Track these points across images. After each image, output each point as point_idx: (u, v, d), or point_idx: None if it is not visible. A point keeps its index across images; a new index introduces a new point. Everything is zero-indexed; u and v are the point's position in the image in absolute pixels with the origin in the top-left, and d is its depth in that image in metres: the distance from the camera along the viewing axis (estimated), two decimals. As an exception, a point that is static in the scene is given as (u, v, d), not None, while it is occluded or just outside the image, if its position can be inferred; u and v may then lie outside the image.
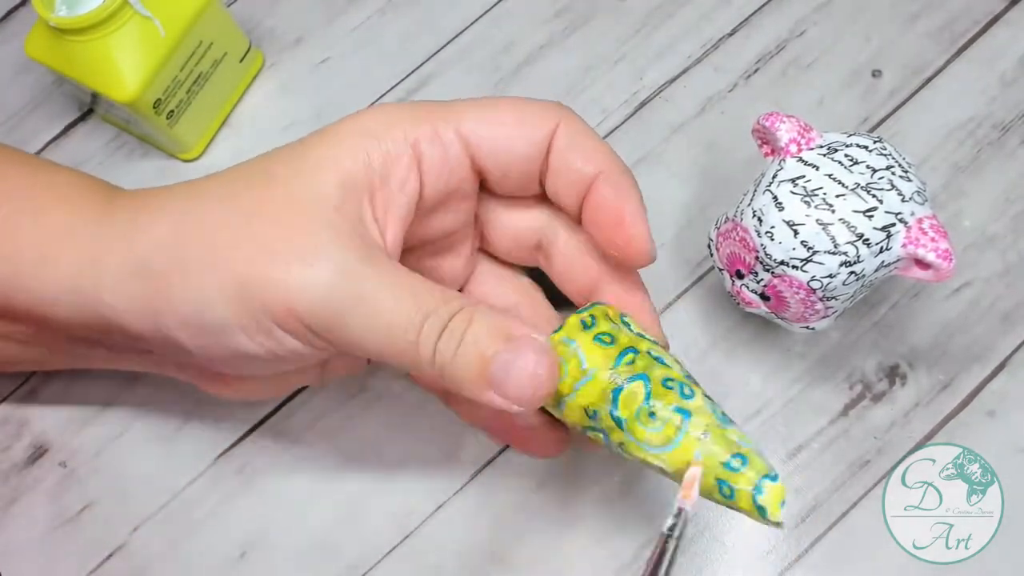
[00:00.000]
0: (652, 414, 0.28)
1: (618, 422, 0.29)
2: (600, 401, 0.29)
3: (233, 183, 0.30)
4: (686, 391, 0.29)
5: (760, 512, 0.28)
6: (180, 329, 0.29)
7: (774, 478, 0.28)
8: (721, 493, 0.28)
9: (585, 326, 0.31)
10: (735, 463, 0.28)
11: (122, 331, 0.30)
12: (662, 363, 0.30)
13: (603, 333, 0.30)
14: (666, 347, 0.33)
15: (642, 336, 0.31)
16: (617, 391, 0.29)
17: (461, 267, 0.35)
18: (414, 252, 0.34)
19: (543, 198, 0.34)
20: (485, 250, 0.37)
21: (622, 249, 0.32)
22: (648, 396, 0.29)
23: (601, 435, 0.30)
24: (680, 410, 0.29)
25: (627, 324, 0.32)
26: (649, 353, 0.30)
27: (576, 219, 0.33)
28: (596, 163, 0.31)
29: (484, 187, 0.33)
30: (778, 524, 0.28)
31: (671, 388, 0.29)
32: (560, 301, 0.37)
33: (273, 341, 0.29)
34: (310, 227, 0.28)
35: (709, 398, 0.30)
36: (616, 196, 0.31)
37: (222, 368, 0.32)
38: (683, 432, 0.28)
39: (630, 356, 0.30)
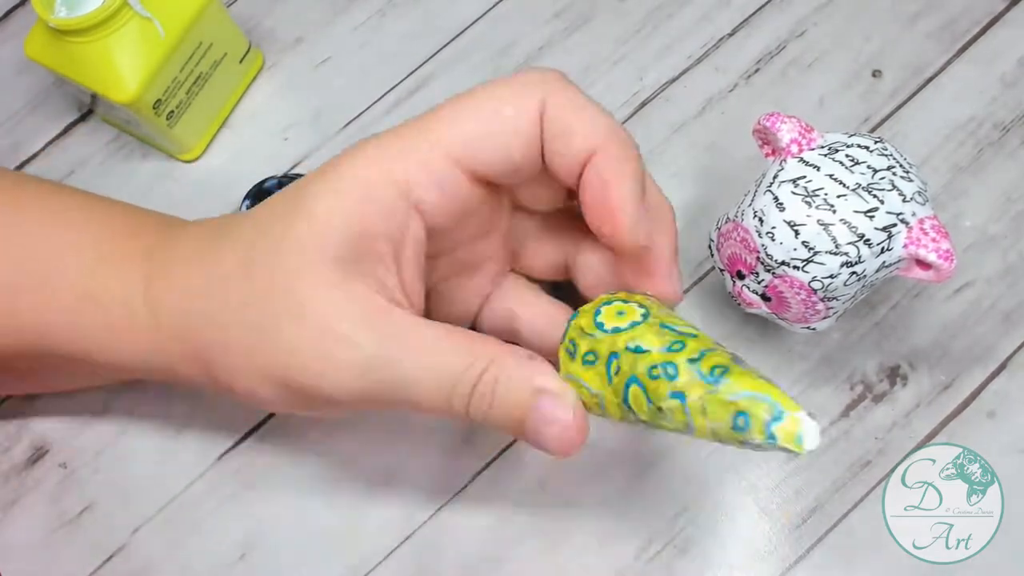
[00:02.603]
0: (660, 409, 0.28)
1: (648, 424, 0.29)
2: (622, 415, 0.29)
3: (244, 269, 0.30)
4: (670, 370, 0.28)
5: (789, 450, 0.27)
6: (244, 399, 0.31)
7: (779, 417, 0.27)
8: (748, 446, 0.28)
9: (571, 355, 0.30)
10: (739, 422, 0.27)
11: (197, 387, 0.33)
12: (640, 351, 0.29)
13: (587, 353, 0.30)
14: (674, 296, 0.32)
15: (618, 331, 0.30)
16: (626, 402, 0.29)
17: (487, 283, 0.35)
18: (442, 258, 0.33)
19: (569, 215, 0.33)
20: (516, 270, 0.36)
21: (609, 237, 0.30)
22: (647, 397, 0.29)
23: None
24: (674, 394, 0.28)
25: (600, 325, 0.30)
26: (627, 348, 0.29)
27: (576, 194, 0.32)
28: (586, 143, 0.29)
29: (513, 203, 0.33)
30: (812, 449, 0.27)
31: (658, 376, 0.28)
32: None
33: (322, 413, 0.32)
34: (321, 325, 0.28)
35: (691, 359, 0.28)
36: (600, 181, 0.29)
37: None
38: (689, 415, 0.28)
39: (614, 365, 0.29)
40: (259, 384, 0.30)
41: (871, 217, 0.32)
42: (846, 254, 0.33)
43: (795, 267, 0.33)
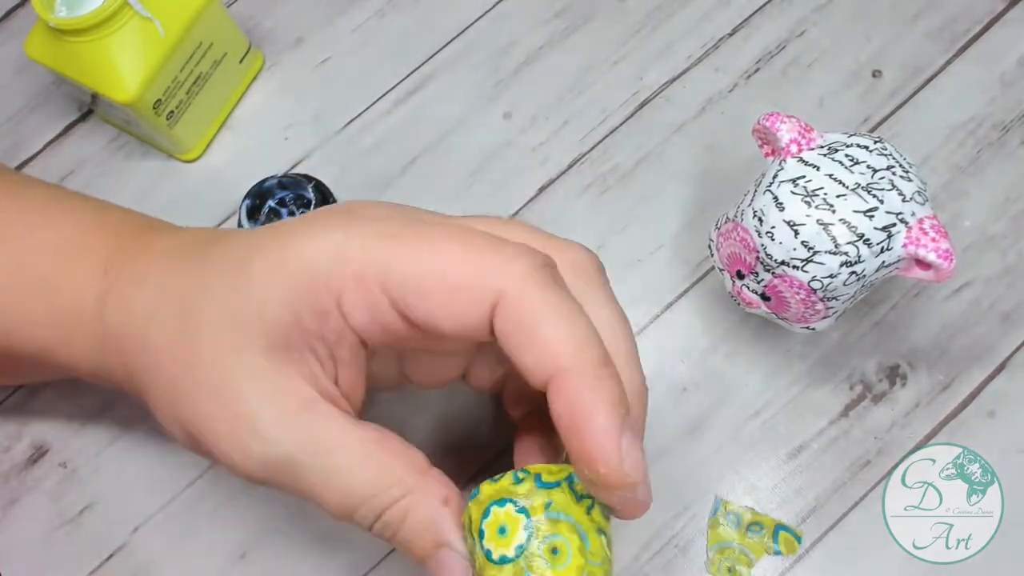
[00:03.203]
0: None
1: None
2: None
3: (178, 320, 0.29)
4: None
5: None
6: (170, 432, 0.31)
7: None
8: None
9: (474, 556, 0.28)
10: None
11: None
12: None
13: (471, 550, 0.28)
14: (631, 483, 0.26)
15: (505, 560, 0.26)
16: None
17: (456, 364, 0.33)
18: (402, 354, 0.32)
19: None
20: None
21: (592, 478, 0.25)
22: None
23: None
24: None
25: (487, 553, 0.27)
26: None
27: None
28: (544, 360, 0.25)
29: None
30: None
31: None
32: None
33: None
34: (238, 409, 0.28)
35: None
36: (568, 419, 0.25)
37: None
38: None
39: None
40: (177, 431, 0.30)
41: (871, 217, 0.33)
42: (846, 254, 0.33)
43: (795, 267, 0.33)
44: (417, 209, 0.29)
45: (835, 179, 0.33)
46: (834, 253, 0.33)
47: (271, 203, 0.43)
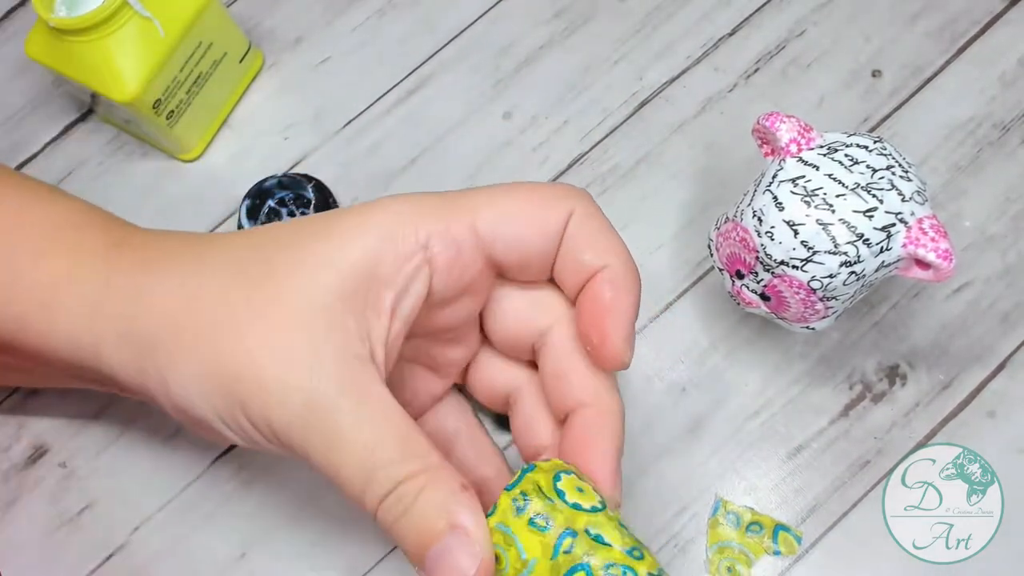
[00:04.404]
0: None
1: None
2: None
3: (235, 267, 0.29)
4: (629, 575, 0.27)
5: None
6: (167, 406, 0.30)
7: None
8: None
9: (518, 509, 0.28)
10: None
11: (117, 383, 0.31)
12: (601, 542, 0.28)
13: (537, 515, 0.28)
14: (617, 505, 0.30)
15: (578, 508, 0.28)
16: None
17: (462, 355, 0.35)
18: (416, 339, 0.33)
19: (548, 298, 0.33)
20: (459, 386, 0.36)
21: (596, 348, 0.31)
22: None
23: None
24: None
25: (561, 493, 0.28)
26: (587, 532, 0.28)
27: (574, 302, 0.32)
28: (602, 256, 0.30)
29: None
30: None
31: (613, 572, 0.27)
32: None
33: (248, 436, 0.29)
34: (295, 342, 0.28)
35: (651, 574, 0.28)
36: (609, 295, 0.30)
37: (208, 436, 0.32)
38: None
39: (568, 541, 0.27)
40: (196, 396, 0.29)
41: (870, 217, 0.33)
42: (845, 254, 0.33)
43: (794, 267, 0.33)
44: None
45: (835, 179, 0.33)
46: (834, 253, 0.33)
47: (271, 203, 0.43)
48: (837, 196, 0.33)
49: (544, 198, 0.31)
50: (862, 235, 0.32)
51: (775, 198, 0.33)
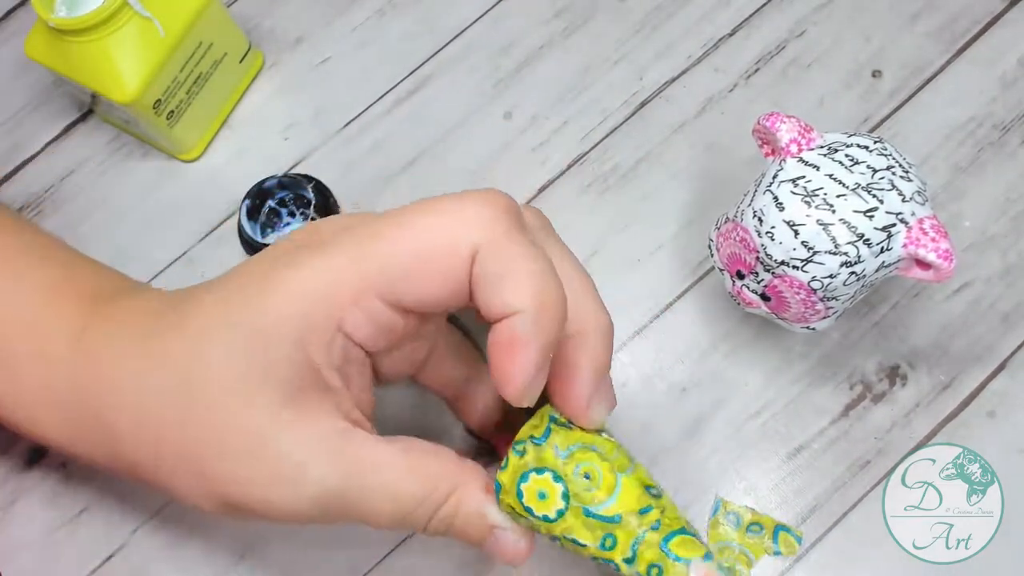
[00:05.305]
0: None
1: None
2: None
3: (188, 357, 0.29)
4: (611, 567, 0.30)
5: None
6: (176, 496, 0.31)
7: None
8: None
9: (523, 460, 0.30)
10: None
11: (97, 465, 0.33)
12: (578, 544, 0.30)
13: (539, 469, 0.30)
14: (600, 430, 0.31)
15: (547, 520, 0.30)
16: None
17: (423, 355, 0.34)
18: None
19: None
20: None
21: (499, 387, 0.28)
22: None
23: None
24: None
25: (529, 510, 0.30)
26: (564, 537, 0.30)
27: None
28: (509, 301, 0.27)
29: None
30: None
31: (601, 565, 0.30)
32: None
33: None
34: (279, 449, 0.28)
35: (627, 559, 0.29)
36: (508, 345, 0.27)
37: None
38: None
39: (559, 543, 0.30)
40: (207, 501, 0.30)
41: (870, 217, 0.33)
42: (845, 254, 0.33)
43: (794, 267, 0.33)
44: (367, 213, 0.30)
45: (835, 179, 0.33)
46: (834, 253, 0.33)
47: (271, 203, 0.43)
48: (837, 196, 0.33)
49: (445, 232, 0.28)
50: (862, 235, 0.32)
51: (775, 198, 0.33)
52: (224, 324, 0.29)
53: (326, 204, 0.42)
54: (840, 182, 0.33)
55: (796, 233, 0.33)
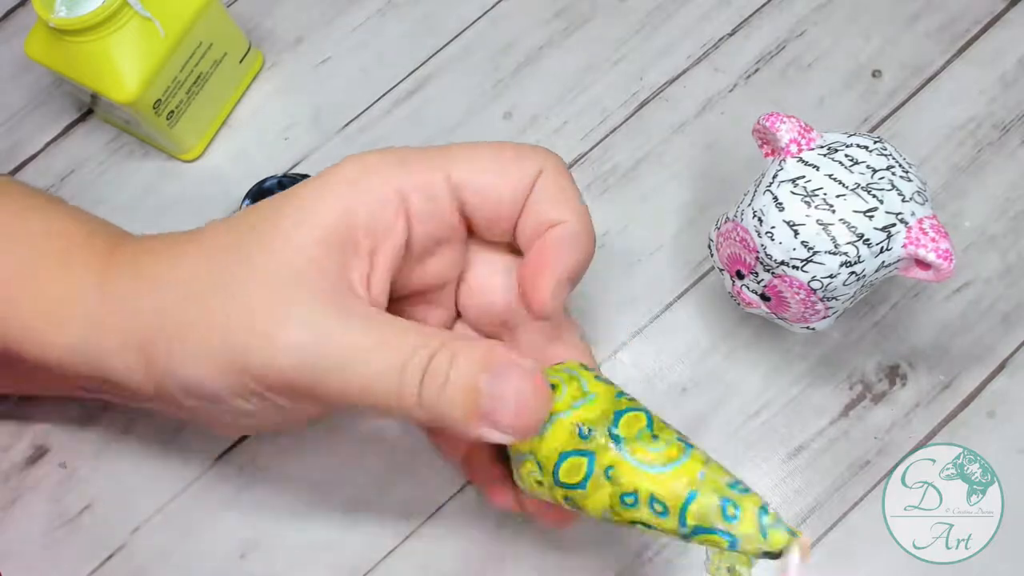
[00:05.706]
0: (655, 436, 0.29)
1: (616, 440, 0.29)
2: (598, 420, 0.29)
3: (217, 249, 0.31)
4: (683, 436, 0.29)
5: (762, 534, 0.27)
6: (181, 395, 0.31)
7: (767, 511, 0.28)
8: (724, 514, 0.28)
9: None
10: (741, 486, 0.28)
11: (127, 390, 0.32)
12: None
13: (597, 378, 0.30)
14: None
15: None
16: (619, 414, 0.29)
17: (446, 318, 0.35)
18: (400, 303, 0.33)
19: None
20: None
21: (525, 294, 0.31)
22: (650, 424, 0.29)
23: (585, 459, 0.29)
24: (682, 440, 0.29)
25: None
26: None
27: None
28: (562, 212, 0.31)
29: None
30: (777, 554, 0.27)
31: (671, 427, 0.29)
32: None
33: (266, 402, 0.30)
34: (286, 289, 0.29)
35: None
36: (554, 248, 0.31)
37: (220, 421, 0.33)
38: (686, 456, 0.28)
39: (627, 399, 0.30)
40: (207, 372, 0.29)
41: (870, 217, 0.33)
42: (845, 254, 0.33)
43: (794, 267, 0.33)
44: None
45: (835, 179, 0.33)
46: (834, 253, 0.33)
47: (271, 203, 0.43)
48: (837, 196, 0.33)
49: (516, 155, 0.31)
50: (862, 235, 0.32)
51: (775, 198, 0.33)
52: (281, 197, 0.30)
53: (326, 204, 0.42)
54: (840, 182, 0.33)
55: (796, 233, 0.33)
